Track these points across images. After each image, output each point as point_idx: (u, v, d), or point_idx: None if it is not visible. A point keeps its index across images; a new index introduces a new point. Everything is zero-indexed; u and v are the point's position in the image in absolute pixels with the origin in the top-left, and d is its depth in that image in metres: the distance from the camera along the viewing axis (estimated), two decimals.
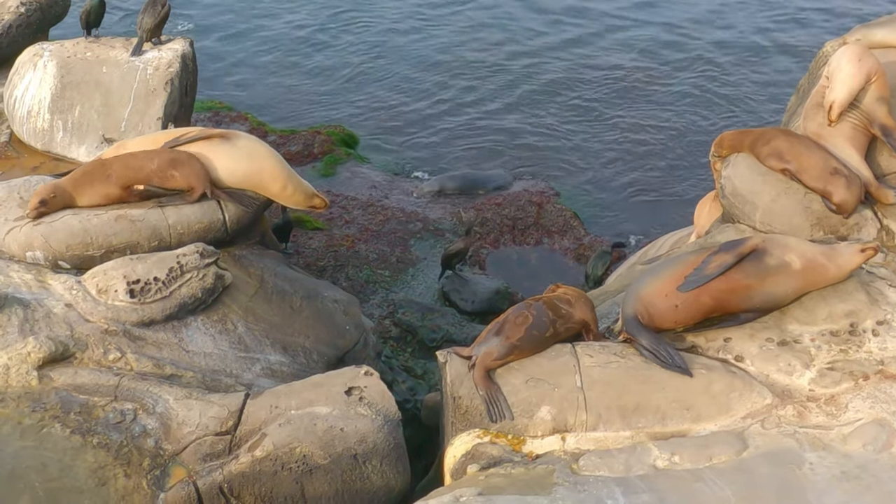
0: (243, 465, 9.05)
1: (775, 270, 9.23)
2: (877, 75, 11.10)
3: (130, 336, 10.17)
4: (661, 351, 8.96)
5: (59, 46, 14.43)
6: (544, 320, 9.35)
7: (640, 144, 21.81)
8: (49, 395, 9.45)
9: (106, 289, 10.32)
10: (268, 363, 10.72)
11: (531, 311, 9.43)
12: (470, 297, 16.11)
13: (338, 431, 9.18)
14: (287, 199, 12.11)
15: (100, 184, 11.26)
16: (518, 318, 9.36)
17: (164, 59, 14.05)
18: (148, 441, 9.24)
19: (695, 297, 9.15)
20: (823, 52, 12.82)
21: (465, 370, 9.08)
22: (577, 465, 8.31)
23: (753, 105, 23.19)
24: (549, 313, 9.42)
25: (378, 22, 27.58)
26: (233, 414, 9.40)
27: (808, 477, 7.96)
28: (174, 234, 11.18)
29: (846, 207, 10.57)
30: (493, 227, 18.15)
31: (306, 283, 12.11)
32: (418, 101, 23.59)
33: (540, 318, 9.35)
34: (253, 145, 11.96)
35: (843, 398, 8.70)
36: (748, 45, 26.35)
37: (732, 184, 11.28)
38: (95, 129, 13.87)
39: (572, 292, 9.84)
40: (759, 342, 9.19)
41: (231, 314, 10.85)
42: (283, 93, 24.05)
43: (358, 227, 17.79)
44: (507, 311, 9.71)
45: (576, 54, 25.92)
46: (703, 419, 8.70)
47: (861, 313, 9.33)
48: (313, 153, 20.44)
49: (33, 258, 10.87)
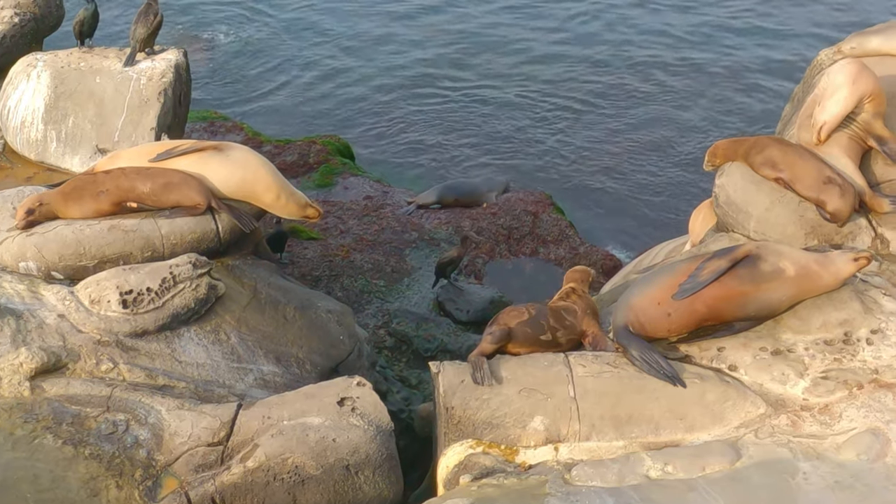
0: (235, 476, 9.03)
1: (769, 277, 9.18)
2: (872, 95, 11.04)
3: (123, 346, 10.15)
4: (651, 360, 8.93)
5: (53, 57, 14.43)
6: (542, 323, 9.52)
7: (635, 153, 21.87)
8: (41, 405, 9.42)
9: (99, 299, 10.30)
10: (261, 373, 10.69)
11: (531, 309, 9.62)
12: (465, 307, 16.08)
13: (330, 442, 9.17)
14: (281, 210, 12.08)
15: (90, 199, 11.22)
16: (514, 311, 9.67)
17: (158, 69, 14.03)
18: (140, 452, 9.21)
19: (688, 305, 9.11)
20: (818, 61, 12.78)
21: (457, 381, 9.07)
22: (570, 475, 8.30)
23: (748, 113, 23.23)
24: (551, 320, 9.52)
25: (373, 32, 27.63)
26: (225, 424, 9.37)
27: (802, 486, 7.95)
28: (167, 244, 11.16)
29: (840, 216, 10.54)
30: (489, 237, 18.13)
31: (300, 293, 12.09)
32: (414, 112, 23.63)
33: (538, 319, 9.51)
34: (246, 156, 11.93)
35: (837, 407, 8.68)
36: (743, 53, 26.43)
37: (726, 193, 11.26)
38: (89, 140, 13.85)
39: (582, 304, 9.89)
40: (753, 351, 9.17)
41: (224, 324, 10.83)
42: (278, 103, 24.09)
43: (353, 237, 17.77)
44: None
45: (571, 64, 26.00)
46: (696, 429, 8.68)
47: (855, 322, 9.28)
48: (309, 163, 20.43)
49: (26, 269, 10.85)
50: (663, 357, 9.00)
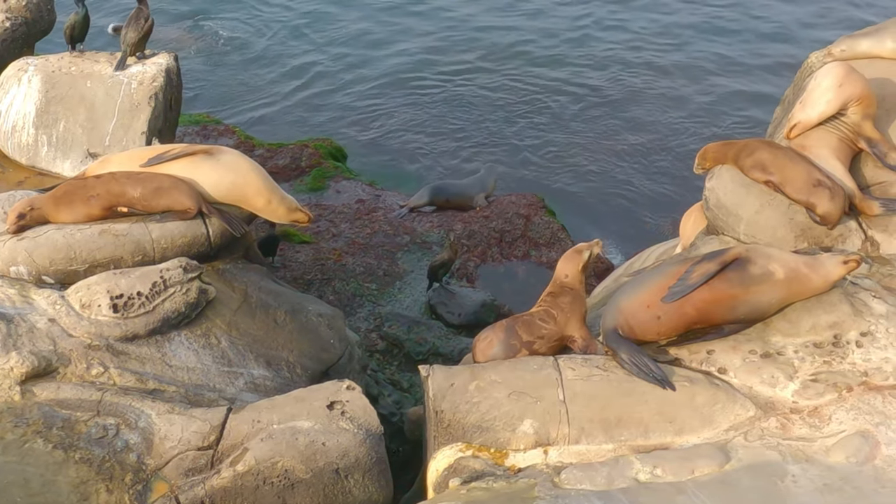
0: (225, 480, 9.01)
1: (759, 280, 9.17)
2: (859, 98, 11.04)
3: (113, 351, 10.13)
4: (640, 363, 8.93)
5: (44, 61, 14.43)
6: (513, 343, 9.62)
7: (626, 156, 21.88)
8: (32, 410, 9.40)
9: (89, 304, 10.29)
10: (251, 377, 10.69)
11: (499, 332, 9.78)
12: (457, 310, 16.09)
13: (320, 446, 9.16)
14: (271, 214, 12.08)
15: (81, 204, 11.22)
16: (482, 342, 9.87)
17: (149, 73, 14.03)
18: (130, 456, 9.20)
19: (678, 308, 9.11)
20: (808, 63, 12.78)
21: (447, 384, 9.07)
22: (559, 478, 8.29)
23: (738, 116, 23.25)
24: (523, 335, 9.58)
25: (364, 36, 27.63)
26: (215, 429, 9.37)
27: (791, 489, 7.94)
28: (158, 248, 11.15)
29: (830, 219, 10.56)
30: (481, 240, 18.13)
31: (290, 296, 12.08)
32: (406, 115, 23.64)
33: (507, 341, 9.67)
34: (236, 160, 11.93)
35: (826, 410, 8.67)
36: (734, 56, 26.45)
37: (716, 195, 11.27)
38: (80, 144, 13.85)
39: (562, 307, 9.88)
40: (743, 354, 9.16)
41: (214, 328, 10.83)
42: (270, 106, 24.09)
43: (345, 241, 17.77)
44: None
45: (562, 66, 26.04)
46: (685, 432, 8.68)
47: (845, 325, 9.27)
48: (301, 167, 20.43)
49: (17, 273, 10.83)
50: (653, 360, 9.00)
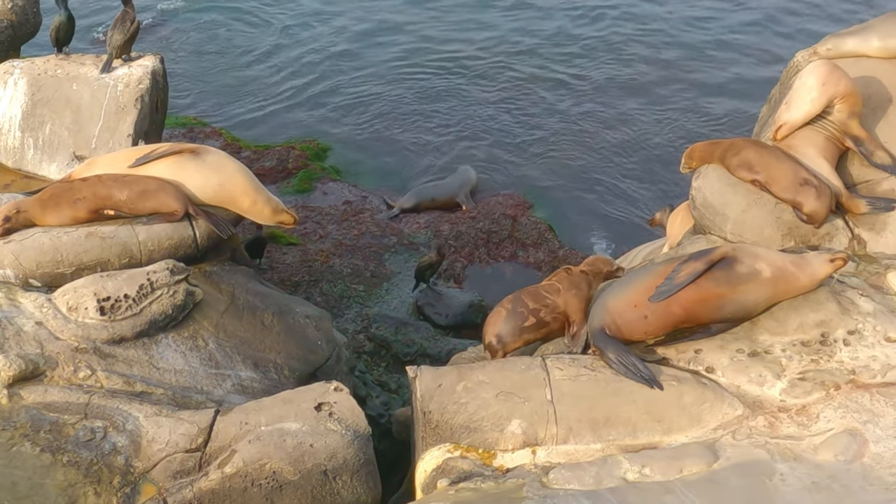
0: (213, 482, 9.00)
1: (746, 279, 9.18)
2: (844, 96, 11.08)
3: (101, 353, 10.11)
4: (628, 363, 8.93)
5: (30, 64, 14.37)
6: (521, 311, 9.81)
7: (614, 156, 21.87)
8: (19, 413, 9.38)
9: (76, 306, 10.26)
10: (239, 379, 10.68)
11: (506, 304, 10.01)
12: (444, 311, 16.10)
13: (307, 447, 9.14)
14: (257, 215, 12.08)
15: (67, 207, 11.21)
16: (491, 318, 10.08)
17: (135, 75, 13.98)
18: (118, 458, 9.18)
19: (665, 308, 9.11)
20: (794, 62, 12.82)
21: (435, 385, 9.06)
22: (548, 478, 8.28)
23: (724, 115, 23.26)
24: (529, 302, 9.79)
25: (351, 37, 27.59)
26: (203, 431, 9.35)
27: (779, 488, 7.94)
28: (144, 251, 11.14)
29: (817, 217, 10.59)
30: (468, 241, 18.13)
31: (278, 298, 12.07)
32: (392, 116, 23.60)
33: (515, 309, 9.89)
34: (222, 161, 11.93)
35: (814, 408, 8.68)
36: (721, 55, 26.47)
37: (703, 195, 11.29)
38: (66, 147, 13.80)
39: (567, 283, 9.97)
40: (730, 353, 9.16)
41: (202, 331, 10.81)
42: (257, 108, 24.05)
43: (332, 242, 17.77)
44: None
45: (549, 63, 26.00)
46: (673, 431, 8.68)
47: (832, 323, 9.28)
48: (287, 168, 20.44)
49: (3, 276, 10.82)
50: (640, 360, 8.99)
